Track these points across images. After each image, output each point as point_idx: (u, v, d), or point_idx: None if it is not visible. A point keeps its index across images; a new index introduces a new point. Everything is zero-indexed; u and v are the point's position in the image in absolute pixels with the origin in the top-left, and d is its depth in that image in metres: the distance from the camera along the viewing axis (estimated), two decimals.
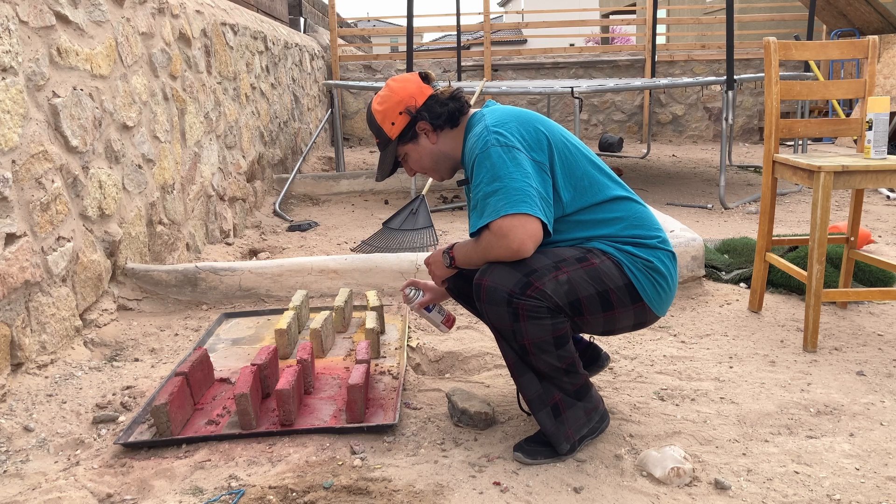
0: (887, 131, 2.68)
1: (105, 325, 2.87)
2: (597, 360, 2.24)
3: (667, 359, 2.56)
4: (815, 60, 8.49)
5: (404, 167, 2.07)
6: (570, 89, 5.29)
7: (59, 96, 2.60)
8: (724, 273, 3.50)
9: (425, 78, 2.02)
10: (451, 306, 3.12)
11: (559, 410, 1.89)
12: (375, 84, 7.02)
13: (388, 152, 2.02)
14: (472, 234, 1.85)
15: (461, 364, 2.63)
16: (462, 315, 3.04)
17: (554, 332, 1.80)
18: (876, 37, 2.89)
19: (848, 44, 2.94)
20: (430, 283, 2.20)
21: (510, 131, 1.84)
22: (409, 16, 5.52)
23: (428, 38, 31.82)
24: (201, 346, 2.43)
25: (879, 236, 4.38)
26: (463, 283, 2.12)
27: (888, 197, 5.66)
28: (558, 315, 1.80)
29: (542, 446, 1.91)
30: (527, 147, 1.83)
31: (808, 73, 7.09)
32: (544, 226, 1.78)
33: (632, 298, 1.86)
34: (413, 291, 2.18)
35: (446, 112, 1.97)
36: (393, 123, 1.97)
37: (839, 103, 8.91)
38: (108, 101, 3.00)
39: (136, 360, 2.63)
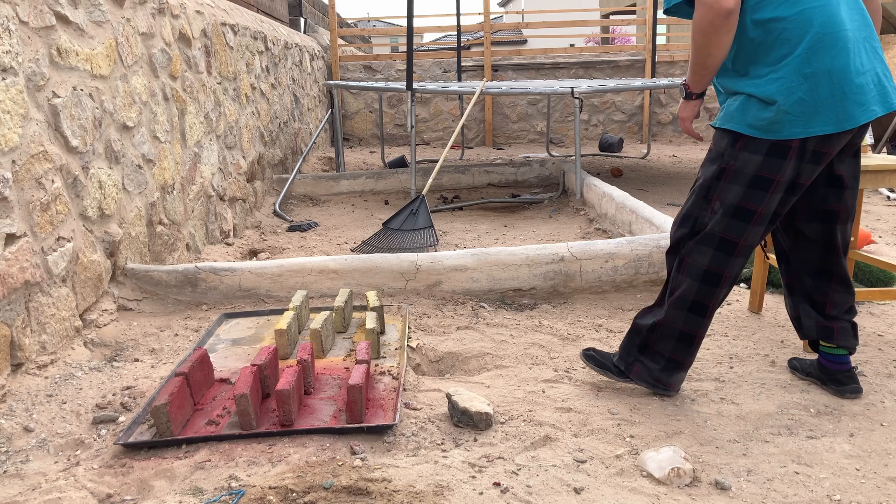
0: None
1: (105, 325, 2.87)
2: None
3: None
4: None
5: None
6: (570, 89, 5.29)
7: (59, 96, 2.60)
8: None
9: None
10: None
11: (671, 296, 2.13)
12: (375, 84, 7.02)
13: None
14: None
15: (461, 364, 2.63)
16: (462, 315, 3.04)
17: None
18: None
19: None
20: None
21: None
22: (409, 16, 5.51)
23: (428, 38, 31.83)
24: (201, 347, 2.43)
25: (879, 236, 4.38)
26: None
27: (888, 197, 5.67)
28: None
29: (602, 359, 2.27)
30: None
31: None
32: None
33: (776, 151, 1.97)
34: None
35: None
36: None
37: None
38: (108, 101, 3.00)
39: (136, 360, 2.63)
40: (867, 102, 1.96)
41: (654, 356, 2.19)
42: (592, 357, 2.32)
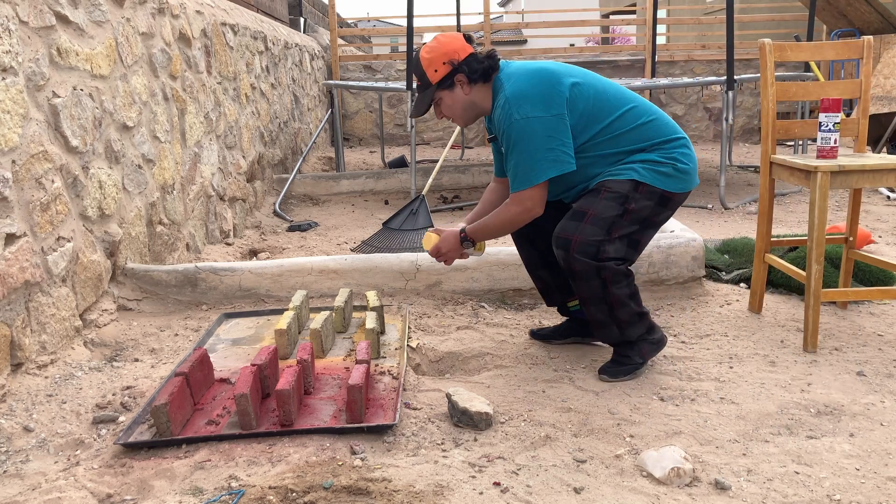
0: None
1: (105, 325, 2.87)
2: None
3: (667, 359, 2.56)
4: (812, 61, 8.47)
5: (435, 110, 2.46)
6: None
7: (59, 96, 2.60)
8: (724, 273, 3.50)
9: (468, 39, 2.41)
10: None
11: (614, 308, 2.35)
12: (375, 84, 7.02)
13: (426, 94, 2.40)
14: (512, 192, 2.33)
15: (461, 364, 2.63)
16: (462, 315, 3.04)
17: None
18: (870, 37, 2.89)
19: (843, 44, 2.94)
20: None
21: (528, 100, 2.26)
22: (409, 16, 5.51)
23: (428, 38, 31.77)
24: (201, 347, 2.43)
25: (880, 236, 4.38)
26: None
27: (888, 197, 5.66)
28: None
29: (621, 366, 2.41)
30: (544, 107, 2.25)
31: (808, 74, 7.09)
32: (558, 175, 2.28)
33: (662, 200, 2.34)
34: None
35: (481, 69, 2.36)
36: (436, 70, 2.35)
37: None
38: (108, 101, 3.00)
39: (136, 360, 2.63)
40: None
41: (643, 335, 2.45)
42: (617, 372, 2.43)
